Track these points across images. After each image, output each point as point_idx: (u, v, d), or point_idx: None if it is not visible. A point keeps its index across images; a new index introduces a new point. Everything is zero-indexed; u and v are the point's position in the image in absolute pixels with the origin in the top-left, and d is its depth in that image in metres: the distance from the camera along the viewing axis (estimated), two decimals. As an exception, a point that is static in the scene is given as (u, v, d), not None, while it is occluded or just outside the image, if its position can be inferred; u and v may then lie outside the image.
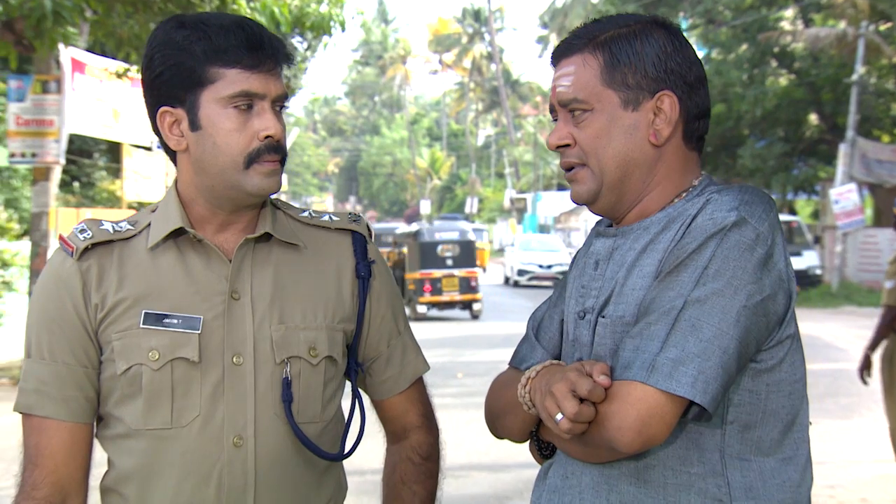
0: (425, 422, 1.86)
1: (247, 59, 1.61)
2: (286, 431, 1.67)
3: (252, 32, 1.62)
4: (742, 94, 24.36)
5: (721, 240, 1.44)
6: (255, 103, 1.63)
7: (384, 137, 77.35)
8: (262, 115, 1.63)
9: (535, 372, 1.55)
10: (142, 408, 1.64)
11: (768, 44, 24.30)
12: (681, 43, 1.59)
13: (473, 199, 55.58)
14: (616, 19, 1.60)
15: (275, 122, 1.63)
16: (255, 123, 1.63)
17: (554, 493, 1.58)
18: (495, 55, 57.96)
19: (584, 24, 1.62)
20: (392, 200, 78.47)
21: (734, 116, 24.90)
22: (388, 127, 78.80)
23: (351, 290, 1.76)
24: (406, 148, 73.58)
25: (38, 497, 1.63)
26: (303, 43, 19.64)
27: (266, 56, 1.62)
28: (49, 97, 11.69)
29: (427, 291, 18.72)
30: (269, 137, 1.63)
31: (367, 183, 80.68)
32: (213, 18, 1.63)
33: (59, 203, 14.41)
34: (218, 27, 1.61)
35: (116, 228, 1.70)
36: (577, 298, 1.62)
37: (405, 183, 74.89)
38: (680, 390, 1.39)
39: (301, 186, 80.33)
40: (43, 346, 1.65)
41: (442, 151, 70.93)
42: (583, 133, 1.57)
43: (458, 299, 18.82)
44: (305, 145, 78.40)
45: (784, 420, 1.52)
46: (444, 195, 66.85)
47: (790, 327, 1.51)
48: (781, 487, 1.50)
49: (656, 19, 1.60)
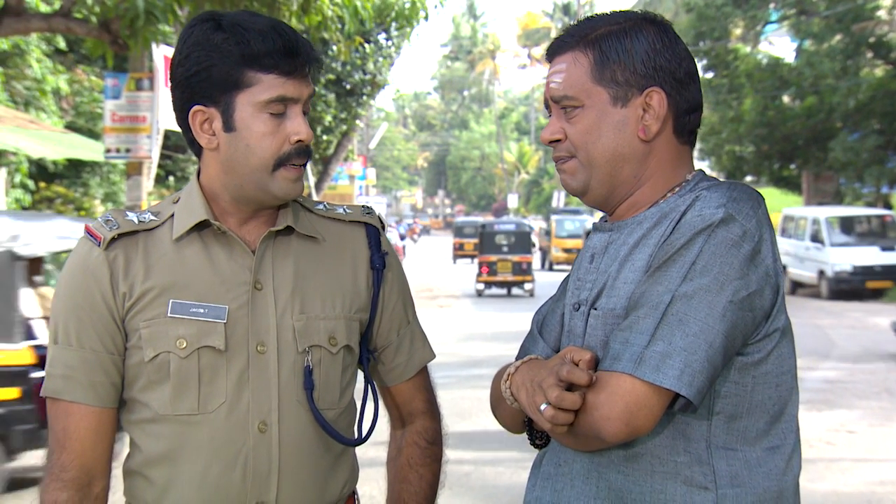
0: (430, 408, 1.91)
1: (283, 64, 1.64)
2: (308, 418, 1.71)
3: (288, 38, 1.65)
4: (835, 85, 23.68)
5: (709, 236, 1.47)
6: (287, 108, 1.66)
7: (472, 132, 77.40)
8: (294, 119, 1.67)
9: (514, 368, 1.59)
10: (169, 394, 1.68)
11: (863, 34, 23.53)
12: (670, 39, 1.61)
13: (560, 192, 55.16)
14: (608, 17, 1.63)
15: (306, 127, 1.67)
16: (287, 127, 1.67)
17: (547, 480, 1.62)
18: (584, 49, 57.49)
19: (578, 22, 1.66)
20: (480, 194, 78.50)
21: (826, 109, 24.22)
22: (476, 121, 78.80)
23: (366, 281, 1.81)
24: (494, 142, 73.50)
25: (67, 479, 1.68)
26: (387, 39, 19.81)
27: (301, 62, 1.66)
28: (142, 94, 12.06)
29: (484, 272, 22.36)
30: (299, 142, 1.67)
31: (455, 177, 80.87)
32: (250, 21, 1.66)
33: (154, 197, 14.85)
34: (255, 31, 1.64)
35: (141, 219, 1.73)
36: (573, 291, 1.66)
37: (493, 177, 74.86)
38: (666, 382, 1.42)
39: (391, 181, 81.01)
40: (70, 332, 1.69)
41: (530, 146, 70.63)
42: (573, 129, 1.60)
43: (510, 279, 22.19)
44: (395, 140, 78.96)
45: (770, 411, 1.54)
46: (532, 189, 66.58)
47: (778, 321, 1.53)
48: (767, 476, 1.52)
49: (647, 16, 1.63)
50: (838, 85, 23.61)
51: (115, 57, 10.27)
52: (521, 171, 68.74)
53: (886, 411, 8.98)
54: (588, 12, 52.29)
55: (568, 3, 66.66)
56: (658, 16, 1.64)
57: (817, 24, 24.57)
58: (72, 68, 17.26)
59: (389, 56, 20.01)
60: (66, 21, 9.60)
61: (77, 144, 14.29)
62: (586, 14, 2.04)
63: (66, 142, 14.09)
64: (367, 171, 43.41)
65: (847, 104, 23.60)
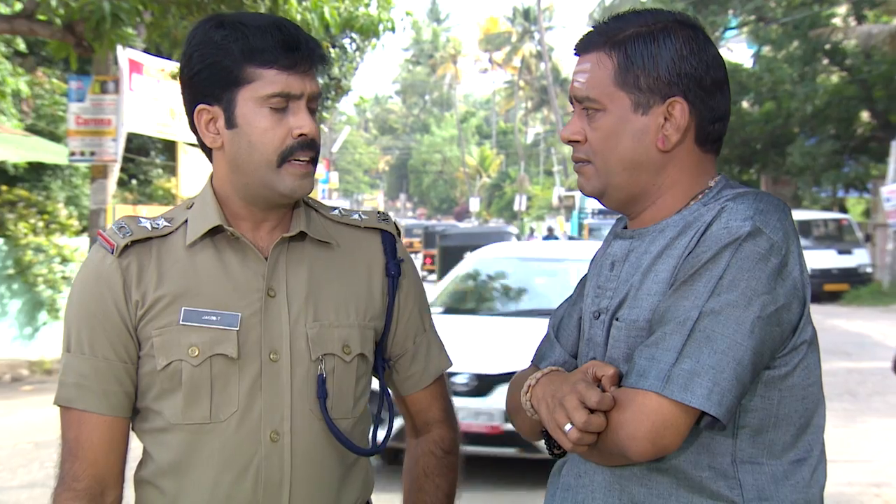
0: (447, 416, 1.87)
1: (283, 59, 1.61)
2: (321, 427, 1.68)
3: (289, 33, 1.63)
4: (792, 91, 23.97)
5: (735, 250, 1.43)
6: (290, 103, 1.63)
7: (434, 136, 77.35)
8: (297, 113, 1.64)
9: (534, 380, 1.55)
10: (181, 402, 1.65)
11: (820, 41, 23.84)
12: (699, 45, 1.55)
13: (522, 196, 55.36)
14: (638, 17, 1.57)
15: (309, 121, 1.64)
16: (289, 121, 1.63)
17: (567, 491, 1.59)
18: (545, 54, 57.66)
19: (607, 20, 1.59)
20: (442, 198, 78.47)
21: (784, 114, 24.52)
22: (438, 125, 78.79)
23: (381, 288, 1.77)
24: (456, 146, 73.53)
25: (79, 489, 1.64)
26: (352, 44, 19.73)
27: (302, 57, 1.63)
28: (107, 97, 11.90)
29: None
30: (302, 135, 1.64)
31: (417, 181, 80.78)
32: (251, 19, 1.64)
33: (117, 200, 14.65)
34: (255, 28, 1.62)
35: (154, 225, 1.70)
36: (593, 298, 1.62)
37: (455, 181, 74.88)
38: (695, 402, 1.39)
39: (352, 184, 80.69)
40: (83, 341, 1.66)
41: (491, 149, 70.78)
42: (594, 132, 1.56)
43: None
44: (357, 143, 78.71)
45: (797, 424, 1.51)
46: (493, 193, 66.70)
47: (805, 333, 1.50)
48: (794, 489, 1.49)
49: (679, 18, 1.57)
50: (796, 91, 23.91)
51: (78, 59, 10.14)
52: (483, 174, 68.81)
53: (850, 413, 9.08)
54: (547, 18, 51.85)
55: (528, 9, 66.87)
56: (691, 18, 1.58)
57: (775, 30, 24.89)
58: (32, 70, 16.98)
59: (354, 61, 19.92)
60: (29, 23, 9.43)
61: (38, 147, 14.06)
62: (546, 19, 1.95)
63: (28, 144, 13.86)
64: (331, 175, 43.23)
65: (804, 110, 23.93)
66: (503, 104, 75.23)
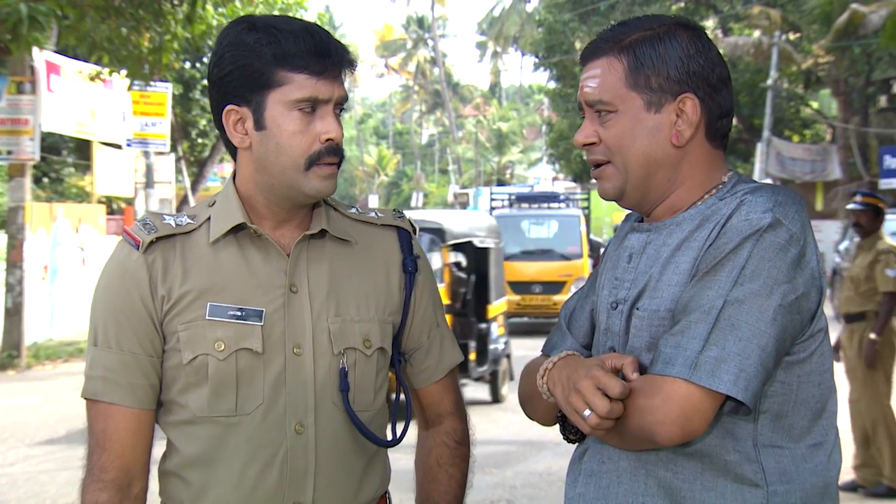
0: (458, 409, 1.86)
1: (314, 64, 1.58)
2: (343, 419, 1.66)
3: (320, 39, 1.60)
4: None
5: (757, 241, 1.43)
6: (318, 107, 1.61)
7: (334, 136, 76.81)
8: (325, 118, 1.61)
9: (552, 363, 1.53)
10: (207, 396, 1.62)
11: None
12: (703, 45, 1.55)
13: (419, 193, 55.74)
14: (641, 22, 1.57)
15: (336, 126, 1.62)
16: (317, 126, 1.61)
17: (591, 477, 1.56)
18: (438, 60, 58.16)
19: (612, 27, 1.59)
20: (342, 195, 77.78)
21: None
22: (337, 126, 78.27)
23: (398, 284, 1.75)
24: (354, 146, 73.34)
25: (107, 479, 1.62)
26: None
27: (332, 63, 1.60)
28: (24, 97, 11.62)
29: None
30: (329, 140, 1.61)
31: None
32: (284, 23, 1.61)
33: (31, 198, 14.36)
34: (288, 32, 1.59)
35: (178, 222, 1.67)
36: (609, 290, 1.61)
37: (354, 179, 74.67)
38: (722, 388, 1.38)
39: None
40: (110, 335, 1.63)
41: (388, 149, 70.89)
42: (608, 133, 1.55)
43: None
44: (258, 143, 77.53)
45: (813, 408, 1.51)
46: (392, 190, 66.86)
47: (821, 321, 1.51)
48: (813, 471, 1.50)
49: (680, 21, 1.57)
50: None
51: (-8, 60, 9.94)
52: (381, 173, 68.87)
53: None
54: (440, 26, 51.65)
55: (422, 17, 67.14)
56: (691, 21, 1.58)
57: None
58: (-59, 70, 16.41)
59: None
60: (-55, 24, 9.22)
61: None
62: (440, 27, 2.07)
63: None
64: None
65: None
66: (399, 107, 75.41)
